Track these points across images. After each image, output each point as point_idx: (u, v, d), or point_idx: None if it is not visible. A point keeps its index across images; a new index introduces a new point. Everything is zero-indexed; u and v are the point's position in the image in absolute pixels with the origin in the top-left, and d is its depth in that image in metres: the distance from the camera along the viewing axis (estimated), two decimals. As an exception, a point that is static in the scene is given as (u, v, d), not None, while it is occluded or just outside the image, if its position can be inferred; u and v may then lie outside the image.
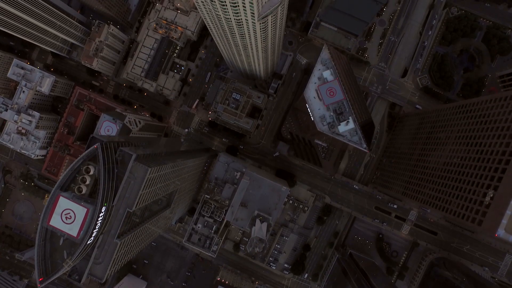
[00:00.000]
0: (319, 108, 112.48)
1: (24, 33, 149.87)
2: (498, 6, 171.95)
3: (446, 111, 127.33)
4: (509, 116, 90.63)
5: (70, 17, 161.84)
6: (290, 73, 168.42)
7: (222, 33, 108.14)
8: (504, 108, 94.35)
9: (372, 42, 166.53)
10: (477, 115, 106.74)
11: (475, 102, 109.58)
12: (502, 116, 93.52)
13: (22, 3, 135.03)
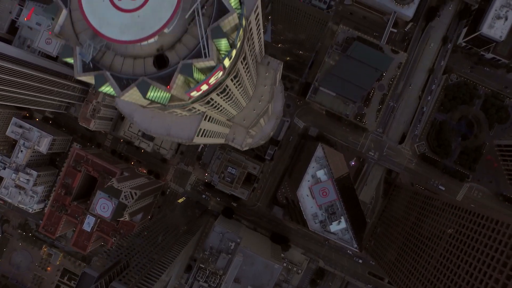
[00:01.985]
0: (311, 206, 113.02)
1: (21, 102, 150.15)
2: (497, 70, 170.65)
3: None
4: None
5: (68, 79, 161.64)
6: (287, 137, 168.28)
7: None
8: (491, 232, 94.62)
9: (371, 107, 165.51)
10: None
11: (467, 210, 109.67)
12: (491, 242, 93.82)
13: (20, 81, 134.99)
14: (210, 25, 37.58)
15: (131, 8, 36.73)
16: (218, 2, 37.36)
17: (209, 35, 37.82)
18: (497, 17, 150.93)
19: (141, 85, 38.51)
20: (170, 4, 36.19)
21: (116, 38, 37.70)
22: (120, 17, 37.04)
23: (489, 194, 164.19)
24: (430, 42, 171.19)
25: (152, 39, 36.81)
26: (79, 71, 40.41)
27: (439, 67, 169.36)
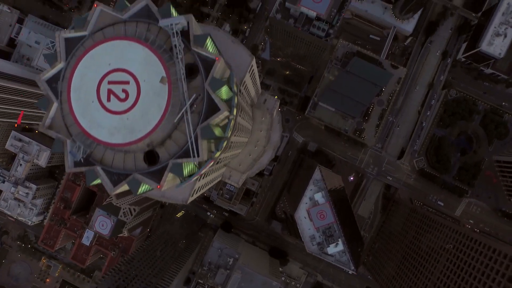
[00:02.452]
0: (309, 228, 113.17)
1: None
2: (497, 85, 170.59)
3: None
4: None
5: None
6: (286, 151, 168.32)
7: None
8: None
9: (370, 122, 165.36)
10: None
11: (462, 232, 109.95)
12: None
13: (18, 98, 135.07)
14: (199, 123, 37.47)
15: (120, 110, 36.87)
16: (208, 98, 37.29)
17: (199, 134, 37.92)
18: (496, 34, 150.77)
19: (132, 182, 38.54)
20: (158, 108, 36.24)
21: (105, 140, 37.78)
22: (109, 119, 37.18)
23: (488, 209, 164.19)
24: (429, 56, 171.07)
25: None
26: (70, 166, 40.28)
27: (438, 82, 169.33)
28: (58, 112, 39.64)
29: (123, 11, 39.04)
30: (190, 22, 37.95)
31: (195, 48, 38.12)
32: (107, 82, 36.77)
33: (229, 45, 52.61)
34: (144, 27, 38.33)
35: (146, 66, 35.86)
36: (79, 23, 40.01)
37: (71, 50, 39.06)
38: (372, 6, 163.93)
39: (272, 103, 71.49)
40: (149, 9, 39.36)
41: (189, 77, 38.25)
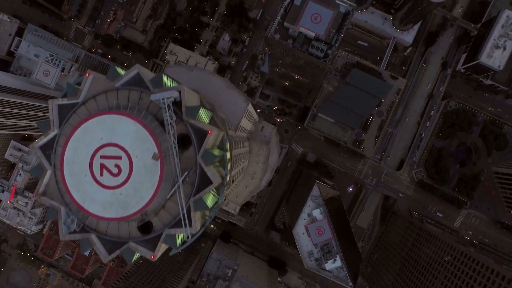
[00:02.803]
0: (307, 244, 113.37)
1: (20, 129, 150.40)
2: (496, 96, 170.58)
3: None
4: None
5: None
6: (285, 162, 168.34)
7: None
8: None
9: (369, 133, 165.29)
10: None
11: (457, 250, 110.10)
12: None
13: (18, 111, 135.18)
14: (192, 194, 37.62)
15: (113, 185, 37.00)
16: (201, 169, 37.30)
17: (192, 206, 37.94)
18: (495, 46, 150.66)
19: (126, 251, 38.72)
20: (151, 184, 36.32)
21: (99, 214, 37.89)
22: (102, 193, 37.30)
23: (487, 221, 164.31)
24: (429, 67, 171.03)
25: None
26: (64, 234, 40.45)
27: (438, 92, 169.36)
28: (52, 178, 39.76)
29: (116, 80, 39.12)
30: (182, 92, 37.88)
31: (187, 119, 38.26)
32: (99, 157, 36.95)
33: (225, 90, 52.58)
34: (136, 95, 38.40)
35: (138, 141, 35.96)
36: (72, 92, 40.14)
37: (64, 116, 39.18)
38: (372, 16, 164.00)
39: (269, 131, 71.37)
40: (141, 77, 39.40)
41: (181, 147, 38.54)
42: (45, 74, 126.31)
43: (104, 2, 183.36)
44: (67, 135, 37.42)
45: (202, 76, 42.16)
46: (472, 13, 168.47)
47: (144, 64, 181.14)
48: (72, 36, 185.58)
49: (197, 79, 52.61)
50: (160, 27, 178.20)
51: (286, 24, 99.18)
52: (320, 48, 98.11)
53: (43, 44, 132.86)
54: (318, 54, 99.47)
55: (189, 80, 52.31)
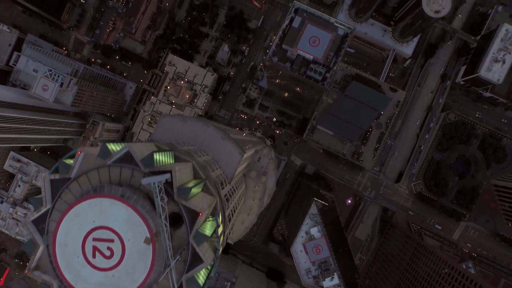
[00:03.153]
0: (305, 262, 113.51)
1: (18, 142, 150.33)
2: (496, 108, 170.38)
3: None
4: None
5: (65, 114, 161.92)
6: (284, 174, 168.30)
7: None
8: None
9: (368, 146, 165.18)
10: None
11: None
12: None
13: (17, 126, 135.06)
14: (184, 272, 37.61)
15: (106, 267, 36.85)
16: (193, 248, 37.33)
17: (184, 284, 37.79)
18: (495, 60, 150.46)
19: None
20: (143, 267, 36.20)
21: None
22: (95, 274, 37.21)
23: (486, 233, 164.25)
24: (429, 79, 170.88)
25: None
26: None
27: (437, 104, 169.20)
28: (45, 253, 39.72)
29: (107, 158, 39.12)
30: (173, 173, 37.90)
31: (179, 200, 38.31)
32: (92, 239, 36.98)
33: (219, 142, 52.42)
34: (128, 172, 38.43)
35: (130, 225, 36.03)
36: (64, 169, 40.14)
37: (56, 190, 39.18)
38: (371, 28, 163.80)
39: (266, 162, 71.22)
40: (132, 156, 39.44)
41: (174, 225, 38.69)
42: (44, 89, 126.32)
43: (103, 12, 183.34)
44: (60, 211, 37.45)
45: (196, 127, 42.06)
46: (472, 25, 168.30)
47: (143, 75, 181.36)
48: (71, 45, 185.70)
49: (191, 130, 52.44)
50: (159, 38, 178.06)
51: (285, 47, 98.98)
52: (318, 71, 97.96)
53: (41, 58, 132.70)
54: (316, 77, 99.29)
55: (183, 131, 52.17)
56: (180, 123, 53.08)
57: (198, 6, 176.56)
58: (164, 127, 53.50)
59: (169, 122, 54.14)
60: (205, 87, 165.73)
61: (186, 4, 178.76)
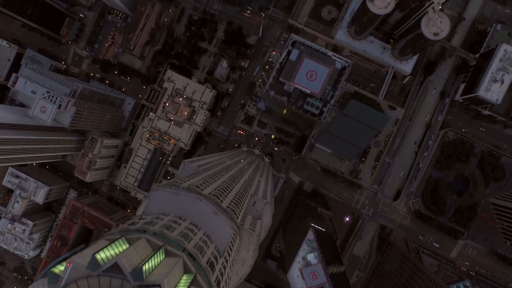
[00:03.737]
0: (301, 287, 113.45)
1: (18, 161, 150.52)
2: (494, 125, 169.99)
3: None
4: None
5: (64, 131, 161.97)
6: (282, 191, 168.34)
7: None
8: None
9: (367, 164, 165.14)
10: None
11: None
12: None
13: (17, 147, 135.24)
14: None
15: None
16: None
17: None
18: (493, 80, 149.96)
19: None
20: None
21: None
22: None
23: (484, 251, 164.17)
24: (428, 96, 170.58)
25: None
26: None
27: (436, 122, 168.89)
28: None
29: (96, 270, 39.14)
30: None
31: None
32: None
33: (211, 216, 52.46)
34: (118, 282, 38.46)
35: None
36: (52, 279, 40.14)
37: None
38: (371, 45, 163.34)
39: (261, 206, 71.21)
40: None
41: None
42: (42, 110, 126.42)
43: (102, 27, 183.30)
44: None
45: (188, 201, 41.99)
46: (471, 43, 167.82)
47: (142, 90, 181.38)
48: (70, 60, 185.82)
49: (184, 203, 52.35)
50: (157, 53, 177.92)
51: (282, 79, 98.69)
52: (316, 105, 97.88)
53: (39, 78, 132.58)
54: (313, 111, 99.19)
55: (175, 205, 52.18)
56: (172, 197, 53.03)
57: (196, 21, 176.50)
58: (156, 200, 53.61)
59: (161, 196, 54.15)
60: (203, 104, 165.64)
61: (185, 19, 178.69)
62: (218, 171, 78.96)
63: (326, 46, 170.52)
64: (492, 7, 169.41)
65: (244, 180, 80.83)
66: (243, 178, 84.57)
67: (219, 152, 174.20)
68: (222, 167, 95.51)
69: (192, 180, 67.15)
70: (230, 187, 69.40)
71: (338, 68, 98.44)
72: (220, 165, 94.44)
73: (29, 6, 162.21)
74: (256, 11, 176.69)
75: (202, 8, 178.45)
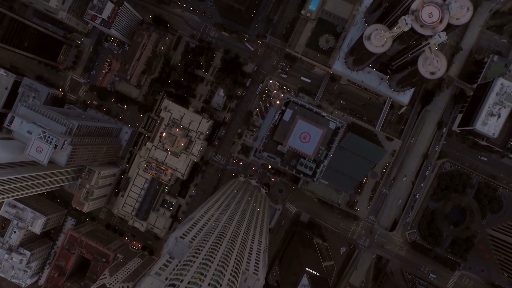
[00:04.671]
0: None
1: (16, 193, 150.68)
2: (492, 154, 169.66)
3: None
4: None
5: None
6: (279, 221, 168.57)
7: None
8: None
9: (363, 195, 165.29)
10: None
11: None
12: None
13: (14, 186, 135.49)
14: None
15: None
16: None
17: None
18: (490, 114, 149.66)
19: None
20: None
21: None
22: None
23: (481, 282, 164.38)
24: (425, 126, 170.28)
25: None
26: None
27: (433, 152, 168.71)
28: None
29: None
30: None
31: None
32: None
33: None
34: None
35: None
36: None
37: None
38: (368, 76, 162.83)
39: (252, 283, 71.31)
40: None
41: None
42: (38, 151, 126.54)
43: (99, 53, 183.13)
44: None
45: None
46: (468, 74, 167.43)
47: (139, 117, 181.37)
48: (67, 86, 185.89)
49: None
50: (154, 81, 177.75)
51: (275, 139, 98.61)
52: (309, 166, 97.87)
53: (35, 117, 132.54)
54: (306, 172, 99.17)
55: None
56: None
57: (193, 49, 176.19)
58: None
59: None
60: (200, 134, 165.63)
61: (182, 47, 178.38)
62: (212, 244, 77.77)
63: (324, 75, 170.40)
64: (489, 36, 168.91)
65: (238, 249, 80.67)
66: (237, 244, 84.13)
67: (216, 180, 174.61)
68: (218, 230, 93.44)
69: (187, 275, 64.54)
70: (224, 270, 67.99)
71: (332, 128, 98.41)
72: (215, 224, 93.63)
73: (25, 39, 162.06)
74: (253, 38, 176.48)
75: (199, 35, 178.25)
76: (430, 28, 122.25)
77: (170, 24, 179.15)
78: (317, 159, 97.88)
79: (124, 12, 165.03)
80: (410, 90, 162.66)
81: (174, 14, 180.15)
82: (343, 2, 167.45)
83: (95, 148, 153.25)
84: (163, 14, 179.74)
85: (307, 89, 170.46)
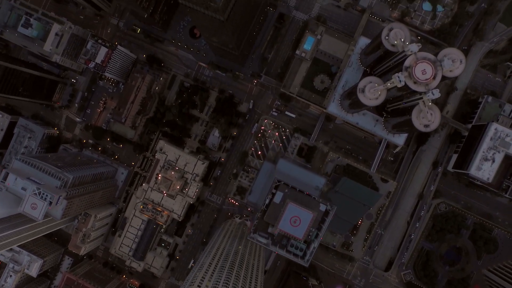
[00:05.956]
0: None
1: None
2: (487, 193, 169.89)
3: None
4: None
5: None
6: (275, 261, 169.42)
7: None
8: None
9: (358, 236, 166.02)
10: None
11: None
12: None
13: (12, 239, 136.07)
14: None
15: None
16: None
17: None
18: (484, 159, 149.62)
19: None
20: None
21: None
22: None
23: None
24: (420, 166, 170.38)
25: None
26: None
27: (428, 192, 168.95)
28: None
29: None
30: None
31: None
32: None
33: None
34: None
35: None
36: None
37: None
38: (363, 118, 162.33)
39: None
40: None
41: None
42: (32, 207, 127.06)
43: (93, 92, 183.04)
44: None
45: None
46: (463, 114, 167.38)
47: (135, 157, 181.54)
48: (63, 125, 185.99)
49: None
50: (149, 121, 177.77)
51: (266, 220, 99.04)
52: (299, 247, 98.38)
53: (30, 171, 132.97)
54: (296, 253, 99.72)
55: None
56: None
57: (188, 89, 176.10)
58: None
59: None
60: (196, 176, 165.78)
61: (176, 86, 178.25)
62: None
63: (319, 115, 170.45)
64: (484, 75, 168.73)
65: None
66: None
67: (212, 220, 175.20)
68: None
69: None
70: None
71: (322, 210, 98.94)
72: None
73: (19, 85, 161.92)
74: (248, 77, 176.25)
75: (194, 74, 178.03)
76: (423, 85, 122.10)
77: (164, 63, 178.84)
78: (308, 240, 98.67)
79: (118, 55, 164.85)
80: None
81: (168, 52, 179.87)
82: (338, 42, 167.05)
83: (90, 196, 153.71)
84: (157, 52, 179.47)
85: (302, 129, 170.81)
